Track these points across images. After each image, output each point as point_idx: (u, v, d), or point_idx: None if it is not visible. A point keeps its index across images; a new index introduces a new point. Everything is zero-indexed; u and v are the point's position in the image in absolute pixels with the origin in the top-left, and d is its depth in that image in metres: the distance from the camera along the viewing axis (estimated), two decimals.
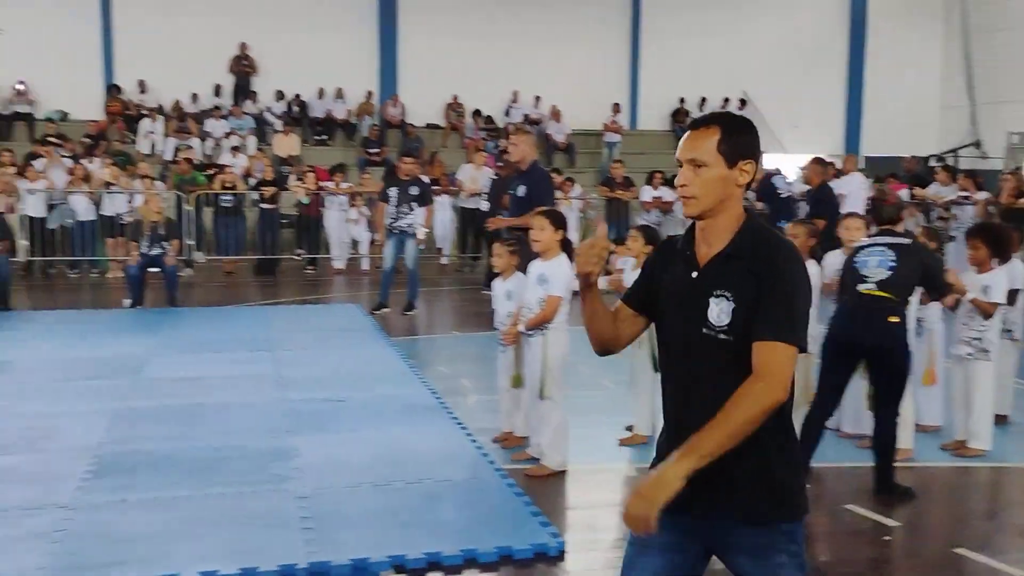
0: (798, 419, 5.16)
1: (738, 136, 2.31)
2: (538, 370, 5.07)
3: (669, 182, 15.31)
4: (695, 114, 21.66)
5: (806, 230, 5.60)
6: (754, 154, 2.33)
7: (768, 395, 2.15)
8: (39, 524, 4.33)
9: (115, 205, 13.47)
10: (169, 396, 6.64)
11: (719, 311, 2.23)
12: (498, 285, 5.56)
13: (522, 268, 5.45)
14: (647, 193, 15.09)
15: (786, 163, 14.29)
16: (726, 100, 21.77)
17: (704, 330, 2.26)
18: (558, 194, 13.39)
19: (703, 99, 21.73)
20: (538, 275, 5.08)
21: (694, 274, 2.31)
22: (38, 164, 13.85)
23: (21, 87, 18.02)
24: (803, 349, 2.21)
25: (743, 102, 21.87)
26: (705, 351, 2.27)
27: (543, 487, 4.95)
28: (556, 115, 20.19)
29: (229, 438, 5.63)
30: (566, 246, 5.14)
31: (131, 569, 3.86)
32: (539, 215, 5.24)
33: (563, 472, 5.13)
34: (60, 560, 3.96)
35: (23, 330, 9.18)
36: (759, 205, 12.16)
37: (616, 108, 20.57)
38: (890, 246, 5.00)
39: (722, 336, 2.24)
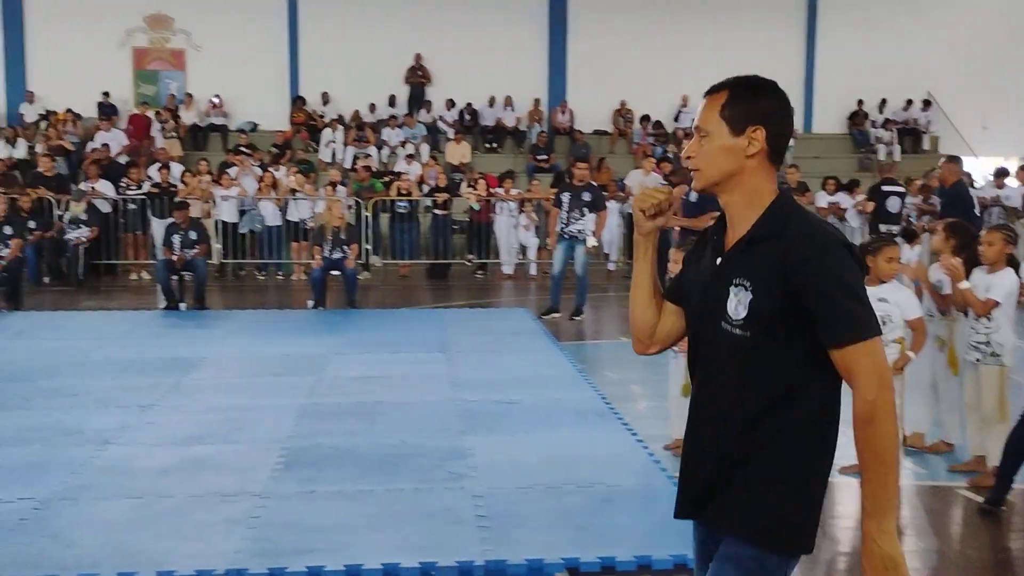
0: (998, 438, 4.87)
1: (746, 99, 2.08)
2: None
3: (845, 187, 14.78)
4: (874, 116, 20.83)
5: (1002, 236, 5.27)
6: (766, 120, 2.06)
7: (882, 404, 1.93)
8: (235, 511, 4.61)
9: (299, 211, 14.19)
10: (350, 393, 6.94)
11: (736, 303, 2.00)
12: None
13: None
14: (822, 199, 14.59)
15: (976, 167, 13.52)
16: (909, 102, 20.81)
17: (723, 323, 2.04)
18: None
19: (883, 100, 20.84)
20: None
21: (718, 261, 2.10)
22: (231, 172, 14.76)
23: (216, 100, 19.27)
24: (879, 333, 1.97)
25: (927, 103, 20.84)
26: (722, 346, 2.05)
27: None
28: None
29: (407, 436, 5.83)
30: None
31: (319, 557, 4.05)
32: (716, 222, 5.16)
33: None
34: (254, 545, 4.21)
35: (218, 328, 9.80)
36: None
37: None
38: None
39: (738, 331, 2.01)
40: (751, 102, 2.08)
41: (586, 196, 10.34)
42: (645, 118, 19.95)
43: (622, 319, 11.19)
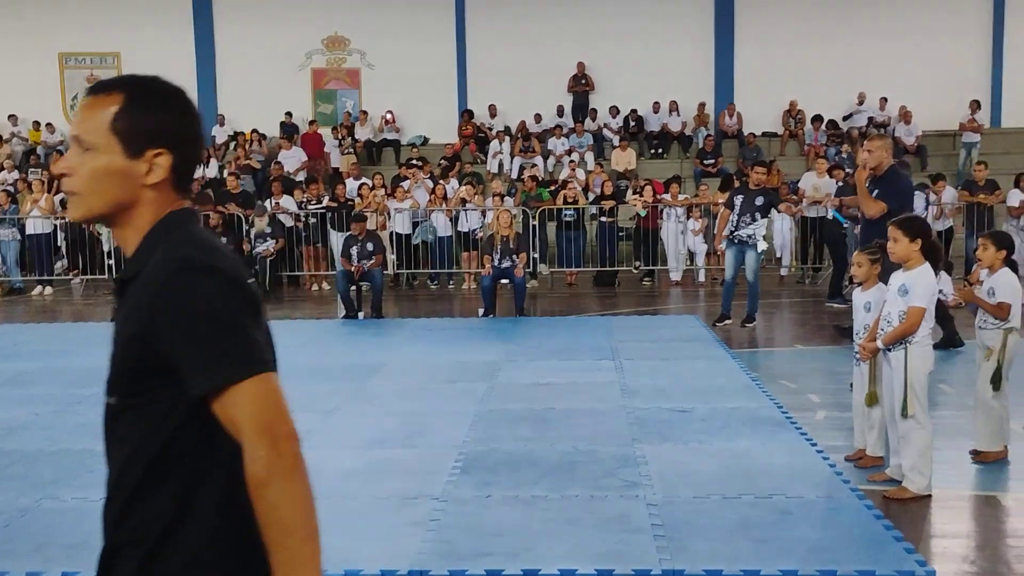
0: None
1: (149, 112, 1.60)
2: (899, 386, 4.79)
3: None
4: None
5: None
6: (174, 141, 1.62)
7: (276, 461, 1.51)
8: (416, 513, 4.76)
9: (470, 221, 14.52)
10: (522, 400, 7.04)
11: (110, 362, 1.60)
12: (857, 296, 5.35)
13: (882, 277, 5.22)
14: (1014, 197, 13.71)
15: None
16: None
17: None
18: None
19: None
20: (899, 286, 4.81)
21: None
22: (404, 185, 15.27)
23: (389, 116, 20.00)
24: (268, 368, 1.53)
25: None
26: (106, 420, 1.63)
27: (904, 511, 4.67)
28: (905, 116, 18.92)
29: (579, 443, 5.86)
30: (931, 253, 4.83)
31: (498, 561, 4.13)
32: (891, 224, 5.00)
33: (927, 497, 4.81)
34: (436, 547, 4.33)
35: (394, 336, 10.16)
36: None
37: (975, 105, 18.88)
38: None
39: (106, 398, 1.61)
40: (156, 116, 1.61)
41: (759, 200, 10.11)
42: (817, 118, 19.31)
43: (795, 326, 10.90)
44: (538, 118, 19.85)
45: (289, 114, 19.79)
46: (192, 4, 20.34)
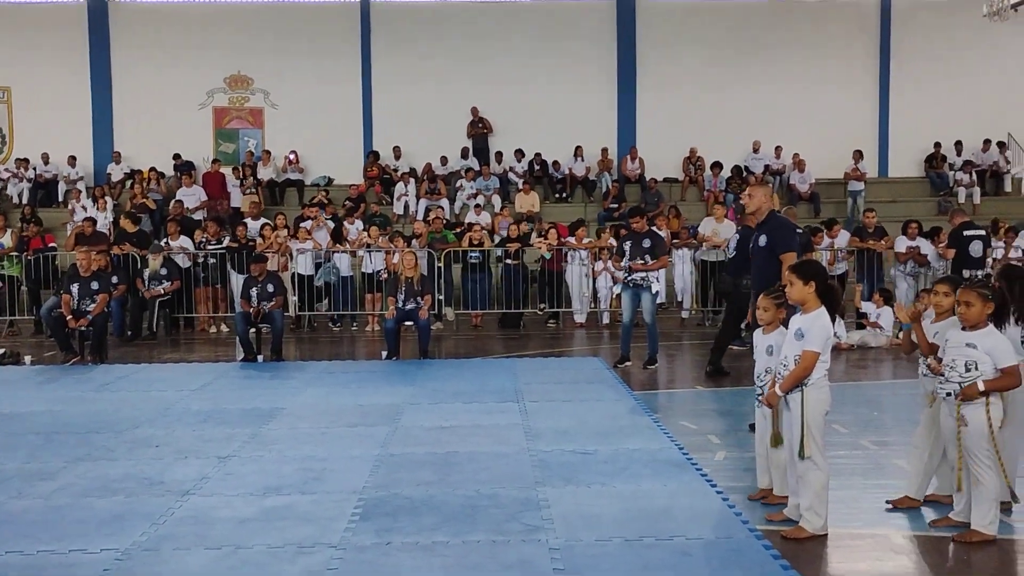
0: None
1: None
2: (797, 428, 4.87)
3: (927, 234, 14.44)
4: (952, 159, 20.41)
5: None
6: None
7: None
8: (313, 562, 4.60)
9: (373, 263, 14.38)
10: (425, 444, 6.93)
11: None
12: (759, 338, 5.43)
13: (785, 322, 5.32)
14: (902, 243, 14.28)
15: None
16: (987, 142, 20.37)
17: None
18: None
19: (959, 142, 20.43)
20: (796, 329, 4.92)
21: None
22: (306, 226, 15.05)
23: (292, 156, 19.77)
24: None
25: (1001, 144, 20.38)
26: None
27: (801, 551, 4.73)
28: (799, 164, 19.61)
29: (482, 486, 5.79)
30: (828, 297, 4.94)
31: None
32: (787, 269, 5.11)
33: (823, 536, 4.88)
34: None
35: (294, 379, 9.92)
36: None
37: (858, 155, 19.71)
38: None
39: None
40: None
41: (646, 243, 10.32)
42: (716, 165, 19.85)
43: (696, 367, 11.05)
44: (444, 160, 19.90)
45: (176, 156, 19.34)
46: (88, 38, 19.85)
